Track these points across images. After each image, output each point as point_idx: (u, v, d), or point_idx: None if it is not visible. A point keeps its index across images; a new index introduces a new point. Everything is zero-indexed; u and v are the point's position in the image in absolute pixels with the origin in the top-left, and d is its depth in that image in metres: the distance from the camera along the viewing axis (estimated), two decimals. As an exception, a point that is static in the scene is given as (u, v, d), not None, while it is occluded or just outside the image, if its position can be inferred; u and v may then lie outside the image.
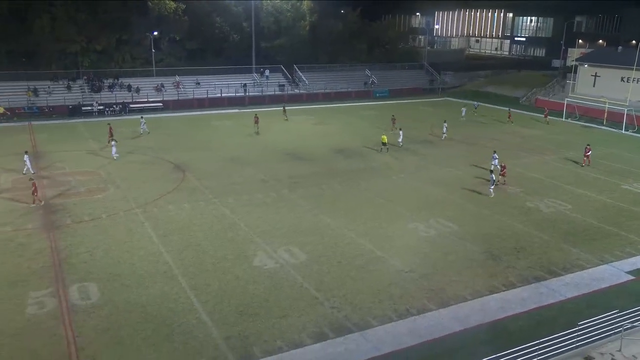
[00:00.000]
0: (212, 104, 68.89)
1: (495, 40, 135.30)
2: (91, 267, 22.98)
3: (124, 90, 68.02)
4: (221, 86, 72.39)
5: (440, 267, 23.53)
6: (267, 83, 76.48)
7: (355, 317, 19.44)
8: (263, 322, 19.02)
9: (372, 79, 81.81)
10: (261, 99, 72.57)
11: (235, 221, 28.38)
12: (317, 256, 24.34)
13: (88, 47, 71.72)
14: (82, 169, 38.61)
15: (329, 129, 53.18)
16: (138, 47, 75.66)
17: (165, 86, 70.34)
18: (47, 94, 64.26)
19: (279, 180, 35.88)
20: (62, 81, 67.09)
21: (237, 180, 35.90)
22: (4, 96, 62.29)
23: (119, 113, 62.61)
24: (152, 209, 30.17)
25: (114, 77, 69.41)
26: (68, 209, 30.11)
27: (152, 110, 64.84)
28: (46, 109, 61.52)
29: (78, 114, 61.10)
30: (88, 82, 68.12)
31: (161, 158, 41.63)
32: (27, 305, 19.84)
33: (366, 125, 55.90)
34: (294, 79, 79.96)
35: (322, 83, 78.70)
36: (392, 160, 41.66)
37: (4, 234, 26.49)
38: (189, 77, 73.34)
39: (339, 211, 30.12)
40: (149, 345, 17.59)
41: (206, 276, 22.29)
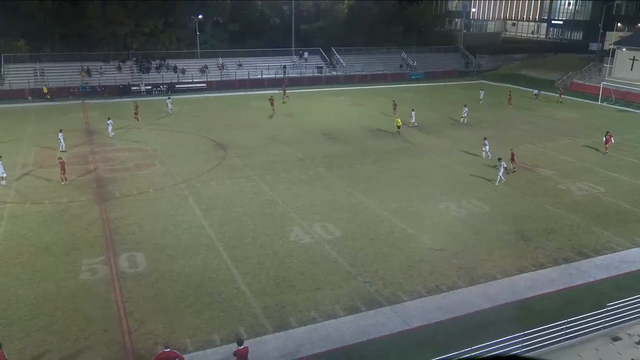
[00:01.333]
0: (253, 84, 69.19)
1: (532, 23, 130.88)
2: (139, 238, 23.62)
3: (170, 71, 68.90)
4: (262, 68, 72.54)
5: (470, 246, 23.29)
6: (306, 65, 76.24)
7: (386, 292, 19.48)
8: (298, 293, 19.26)
9: (409, 61, 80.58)
10: (300, 80, 72.42)
11: (274, 198, 28.63)
12: (350, 232, 24.40)
13: (137, 29, 72.65)
14: (131, 145, 39.49)
15: (364, 111, 52.77)
16: (183, 30, 76.32)
17: (209, 67, 70.92)
18: (99, 75, 65.67)
19: (315, 159, 35.93)
20: (112, 62, 68.40)
21: (275, 158, 36.12)
22: (60, 76, 64.03)
23: (165, 93, 63.55)
24: (196, 185, 30.70)
25: (160, 59, 70.33)
26: (117, 183, 30.92)
27: (196, 90, 65.60)
28: (98, 88, 62.93)
29: (127, 94, 62.31)
30: (137, 63, 69.24)
31: (204, 136, 42.17)
32: (80, 272, 20.58)
33: (400, 107, 55.17)
34: (332, 61, 79.42)
35: (359, 65, 77.94)
36: (424, 142, 41.14)
37: (60, 205, 27.42)
38: (231, 59, 73.70)
39: (372, 190, 30.03)
40: (192, 312, 18.06)
41: (245, 249, 22.64)
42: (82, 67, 65.82)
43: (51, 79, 63.69)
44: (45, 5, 69.41)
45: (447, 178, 32.33)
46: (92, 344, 16.37)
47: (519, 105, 56.84)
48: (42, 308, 18.10)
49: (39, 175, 32.31)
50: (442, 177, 32.54)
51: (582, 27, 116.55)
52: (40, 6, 69.17)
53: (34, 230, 24.33)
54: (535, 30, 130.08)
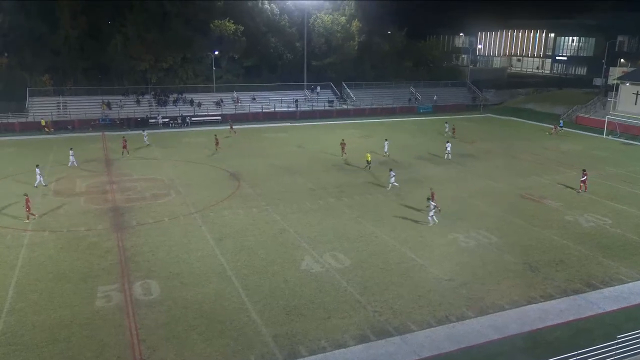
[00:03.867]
0: (266, 117, 69.93)
1: (537, 59, 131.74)
2: (153, 266, 23.60)
3: (187, 104, 69.93)
4: (275, 101, 73.41)
5: (479, 276, 22.97)
6: (318, 99, 77.03)
7: (395, 322, 19.19)
8: (309, 322, 19.03)
9: (417, 95, 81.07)
10: (312, 113, 73.10)
11: (285, 227, 28.58)
12: (360, 262, 24.20)
13: (156, 64, 74.12)
14: (147, 175, 39.84)
15: (374, 142, 52.93)
16: (200, 65, 77.69)
17: (224, 101, 71.89)
18: (119, 107, 66.80)
19: (326, 189, 35.94)
20: (132, 95, 69.64)
21: (287, 188, 36.19)
22: (81, 109, 65.21)
23: (180, 125, 64.32)
24: (209, 214, 30.77)
25: (178, 93, 71.50)
26: (134, 212, 31.08)
27: (211, 122, 66.37)
28: (117, 120, 63.92)
29: (145, 126, 63.18)
30: (155, 97, 70.40)
31: (219, 167, 42.46)
32: (96, 299, 20.54)
33: (409, 138, 55.44)
34: (342, 95, 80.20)
35: (369, 99, 78.63)
36: (433, 173, 41.08)
37: (79, 232, 27.56)
38: (245, 93, 74.75)
39: (382, 220, 29.89)
40: (204, 340, 17.88)
41: (257, 278, 22.51)
42: (102, 100, 67.04)
43: (73, 112, 64.89)
44: (69, 40, 71.23)
45: (456, 208, 32.10)
46: (105, 370, 16.22)
47: (525, 138, 56.81)
48: (58, 334, 18.01)
49: (58, 204, 32.59)
50: (451, 207, 32.29)
51: (586, 62, 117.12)
52: (65, 41, 70.99)
53: (52, 257, 24.41)
54: (540, 66, 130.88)
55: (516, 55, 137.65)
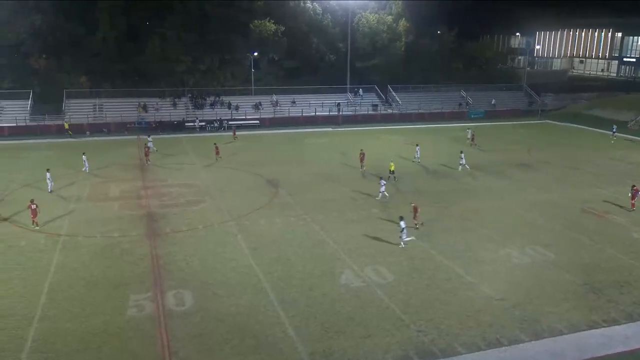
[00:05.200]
0: (307, 122, 70.27)
1: (602, 61, 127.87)
2: (186, 275, 24.01)
3: (224, 107, 71.11)
4: (316, 105, 73.76)
5: (534, 296, 22.34)
6: (361, 102, 76.97)
7: (441, 343, 18.86)
8: (347, 340, 18.92)
9: (468, 99, 79.91)
10: (354, 118, 73.09)
11: (324, 238, 28.59)
12: (404, 277, 23.95)
13: (193, 66, 75.78)
14: (183, 181, 40.68)
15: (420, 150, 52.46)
16: (239, 67, 78.92)
17: (263, 104, 72.75)
18: (155, 110, 68.57)
19: (369, 199, 35.79)
20: (168, 98, 71.37)
21: (327, 197, 36.24)
22: (117, 111, 67.26)
23: (217, 129, 65.42)
24: (245, 222, 31.11)
25: (215, 95, 72.83)
26: (168, 219, 31.76)
27: (249, 127, 67.27)
28: (153, 124, 65.57)
29: (181, 130, 64.58)
30: (192, 100, 71.93)
31: (256, 173, 42.94)
32: (128, 307, 21.03)
33: (459, 146, 54.61)
34: (387, 98, 79.90)
35: (416, 103, 78.01)
36: (484, 183, 40.36)
37: (112, 239, 28.35)
38: (285, 96, 75.38)
39: (429, 232, 29.47)
40: (237, 354, 18.02)
41: (294, 291, 22.57)
42: (139, 102, 68.98)
43: (109, 114, 66.98)
44: (108, 42, 73.74)
45: (509, 222, 31.43)
46: (136, 382, 16.57)
47: (587, 146, 55.15)
48: (89, 343, 18.53)
49: (93, 209, 33.66)
50: (505, 221, 31.65)
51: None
52: (103, 43, 73.54)
53: (85, 263, 25.18)
54: (605, 68, 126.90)
55: (578, 57, 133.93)
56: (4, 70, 71.40)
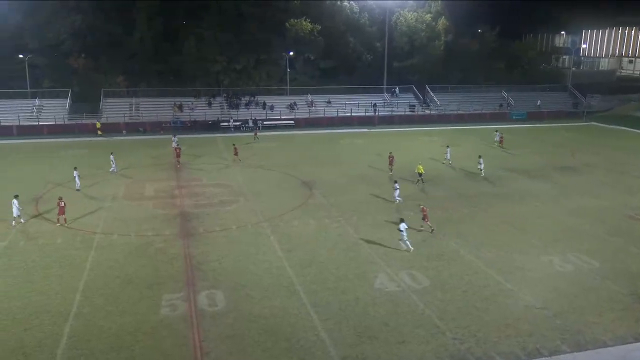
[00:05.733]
0: (342, 122, 70.29)
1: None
2: (219, 276, 24.27)
3: (259, 107, 71.73)
4: (351, 105, 73.69)
5: (577, 306, 21.76)
6: (398, 103, 76.52)
7: (478, 351, 18.54)
8: (381, 346, 18.79)
9: (509, 100, 78.51)
10: (391, 119, 72.73)
11: (358, 241, 28.49)
12: (440, 283, 23.66)
13: (229, 66, 76.72)
14: (217, 181, 41.19)
15: (459, 151, 51.84)
16: (274, 67, 79.47)
17: (298, 104, 73.07)
18: (190, 110, 69.68)
19: (404, 202, 35.51)
20: (204, 98, 72.44)
21: (362, 199, 36.12)
22: (153, 111, 68.61)
23: (252, 129, 66.00)
24: (279, 223, 31.27)
25: (250, 95, 73.54)
26: (202, 218, 32.18)
27: (283, 127, 67.65)
28: (188, 123, 66.64)
29: (216, 129, 65.41)
30: (227, 100, 72.81)
31: (290, 174, 43.15)
32: (161, 307, 21.37)
33: (509, 148, 53.79)
34: (425, 99, 79.23)
35: (455, 104, 77.18)
36: (526, 186, 39.57)
37: (146, 238, 28.89)
38: (320, 96, 75.58)
39: (466, 237, 29.10)
40: (269, 357, 18.10)
41: (327, 294, 22.56)
42: (174, 102, 70.20)
43: (145, 114, 68.39)
44: (145, 42, 75.31)
45: (552, 228, 30.72)
46: (168, 382, 16.81)
47: (636, 150, 53.51)
48: (123, 341, 18.90)
49: (128, 208, 34.38)
50: (546, 226, 30.97)
51: None
52: (140, 44, 75.14)
53: (120, 261, 25.72)
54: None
55: (627, 56, 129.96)
56: (45, 69, 73.71)
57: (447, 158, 46.74)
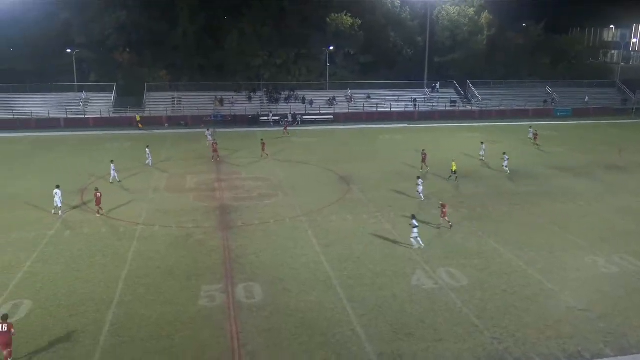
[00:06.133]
0: (381, 117, 69.95)
1: None
2: (257, 269, 24.53)
3: (299, 102, 72.00)
4: (391, 100, 73.21)
5: (622, 309, 21.12)
6: (438, 98, 75.63)
7: (517, 352, 18.22)
8: (417, 343, 18.67)
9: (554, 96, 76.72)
10: (431, 114, 71.95)
11: (396, 237, 28.33)
12: (479, 281, 23.33)
13: (269, 60, 77.27)
14: (256, 175, 41.60)
15: (500, 148, 50.89)
16: (314, 61, 79.63)
17: (337, 99, 73.01)
18: (231, 104, 70.48)
19: (443, 198, 35.06)
20: (244, 92, 73.17)
21: (400, 195, 35.89)
22: (194, 105, 69.70)
23: (291, 124, 66.28)
24: (316, 218, 31.37)
25: (290, 90, 73.88)
26: (241, 212, 32.57)
27: (322, 122, 67.70)
28: (229, 117, 67.46)
29: (256, 124, 65.99)
30: (267, 94, 73.34)
31: (328, 169, 43.21)
32: (199, 298, 21.75)
33: (544, 146, 52.55)
34: (467, 94, 78.04)
35: (497, 100, 75.82)
36: (570, 185, 38.58)
37: (187, 229, 29.43)
38: (360, 91, 75.37)
39: (507, 235, 28.59)
40: (304, 351, 18.22)
41: (363, 290, 22.53)
42: (215, 96, 71.15)
43: (186, 107, 69.55)
44: (187, 37, 76.57)
45: (597, 228, 29.88)
46: (205, 372, 17.11)
47: None
48: (162, 330, 19.33)
49: (169, 200, 35.08)
50: (591, 226, 30.14)
51: None
52: (182, 39, 76.45)
53: (161, 252, 26.28)
54: None
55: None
56: (91, 64, 75.84)
57: (482, 155, 45.88)
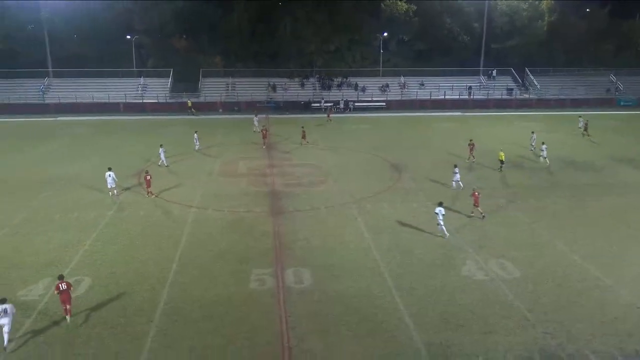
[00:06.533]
0: (435, 105, 68.93)
1: None
2: (306, 254, 24.76)
3: (351, 89, 71.72)
4: (445, 88, 71.97)
5: (685, 308, 20.22)
6: (494, 86, 73.78)
7: (570, 348, 17.75)
8: (466, 334, 18.46)
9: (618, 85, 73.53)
10: (486, 103, 70.32)
11: (448, 227, 27.91)
12: (532, 274, 22.79)
13: (322, 47, 77.18)
14: (307, 161, 41.86)
15: (557, 138, 49.32)
16: (367, 48, 79.07)
17: (390, 86, 72.32)
18: (284, 90, 70.96)
19: (496, 189, 34.41)
20: (297, 79, 73.47)
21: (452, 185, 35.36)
22: (248, 91, 70.55)
23: (343, 111, 66.16)
24: (366, 205, 31.33)
25: (342, 76, 73.66)
26: (291, 197, 32.89)
27: (374, 109, 67.29)
28: (281, 103, 67.96)
29: (308, 110, 66.25)
30: (319, 80, 73.38)
31: (380, 156, 43.00)
32: (250, 281, 22.17)
33: (605, 136, 50.55)
34: (524, 82, 75.78)
35: (556, 88, 73.31)
36: (633, 178, 37.01)
37: (238, 214, 29.99)
38: (413, 78, 74.41)
39: (562, 228, 27.75)
40: (352, 337, 18.33)
41: (412, 279, 22.42)
42: (268, 82, 71.76)
43: (240, 93, 70.48)
44: (242, 24, 77.38)
45: (659, 223, 28.63)
46: (255, 353, 17.44)
47: None
48: (214, 311, 19.84)
49: (222, 184, 35.79)
50: (652, 221, 28.92)
51: None
52: (237, 25, 77.32)
53: (213, 235, 26.90)
54: None
55: None
56: (150, 50, 77.82)
57: (533, 145, 44.48)
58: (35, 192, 33.69)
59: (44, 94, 68.59)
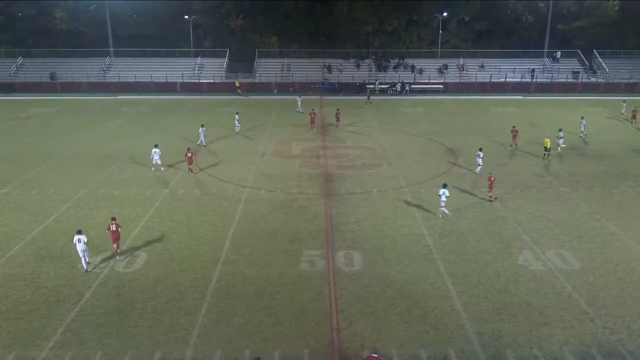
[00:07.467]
0: (494, 89, 67.07)
1: None
2: (357, 237, 24.75)
3: (408, 70, 70.65)
4: (506, 70, 69.87)
5: None
6: (559, 69, 71.04)
7: (631, 345, 17.09)
8: (520, 325, 18.06)
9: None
10: (549, 86, 67.85)
11: (504, 214, 27.33)
12: (593, 266, 22.00)
13: (379, 27, 76.26)
14: (361, 143, 41.64)
15: (628, 126, 47.09)
16: (426, 28, 77.58)
17: (449, 68, 70.81)
18: (339, 72, 70.60)
19: (559, 176, 33.27)
20: (352, 60, 72.92)
21: (511, 170, 34.45)
22: (303, 71, 70.62)
23: (399, 93, 65.26)
24: (420, 190, 30.97)
25: (399, 58, 72.59)
26: (344, 180, 32.86)
27: (432, 92, 66.11)
28: (336, 85, 67.69)
29: (363, 92, 65.74)
30: (375, 62, 72.60)
31: (436, 140, 42.30)
32: (300, 262, 22.39)
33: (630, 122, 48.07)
34: (592, 65, 72.61)
35: (626, 72, 69.79)
36: None
37: (291, 195, 30.24)
38: (472, 60, 72.57)
39: (628, 220, 26.60)
40: (402, 322, 18.26)
41: (465, 266, 22.06)
42: (323, 63, 71.56)
43: (295, 74, 70.64)
44: (298, 5, 77.30)
45: None
46: (304, 333, 17.68)
47: None
48: (264, 290, 20.18)
49: (276, 165, 36.14)
50: None
51: None
52: (294, 5, 77.28)
53: (265, 215, 27.26)
54: None
55: None
56: (207, 30, 78.96)
57: (583, 131, 42.53)
58: (101, 167, 35.33)
59: (105, 73, 70.86)
